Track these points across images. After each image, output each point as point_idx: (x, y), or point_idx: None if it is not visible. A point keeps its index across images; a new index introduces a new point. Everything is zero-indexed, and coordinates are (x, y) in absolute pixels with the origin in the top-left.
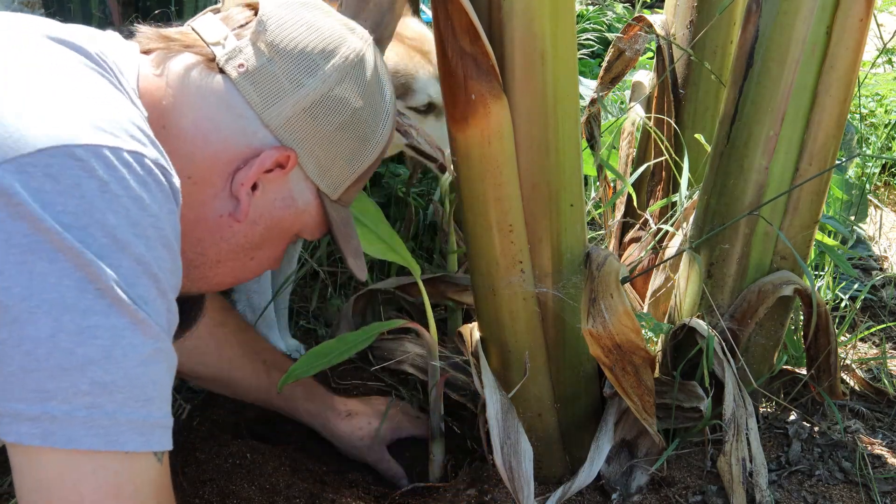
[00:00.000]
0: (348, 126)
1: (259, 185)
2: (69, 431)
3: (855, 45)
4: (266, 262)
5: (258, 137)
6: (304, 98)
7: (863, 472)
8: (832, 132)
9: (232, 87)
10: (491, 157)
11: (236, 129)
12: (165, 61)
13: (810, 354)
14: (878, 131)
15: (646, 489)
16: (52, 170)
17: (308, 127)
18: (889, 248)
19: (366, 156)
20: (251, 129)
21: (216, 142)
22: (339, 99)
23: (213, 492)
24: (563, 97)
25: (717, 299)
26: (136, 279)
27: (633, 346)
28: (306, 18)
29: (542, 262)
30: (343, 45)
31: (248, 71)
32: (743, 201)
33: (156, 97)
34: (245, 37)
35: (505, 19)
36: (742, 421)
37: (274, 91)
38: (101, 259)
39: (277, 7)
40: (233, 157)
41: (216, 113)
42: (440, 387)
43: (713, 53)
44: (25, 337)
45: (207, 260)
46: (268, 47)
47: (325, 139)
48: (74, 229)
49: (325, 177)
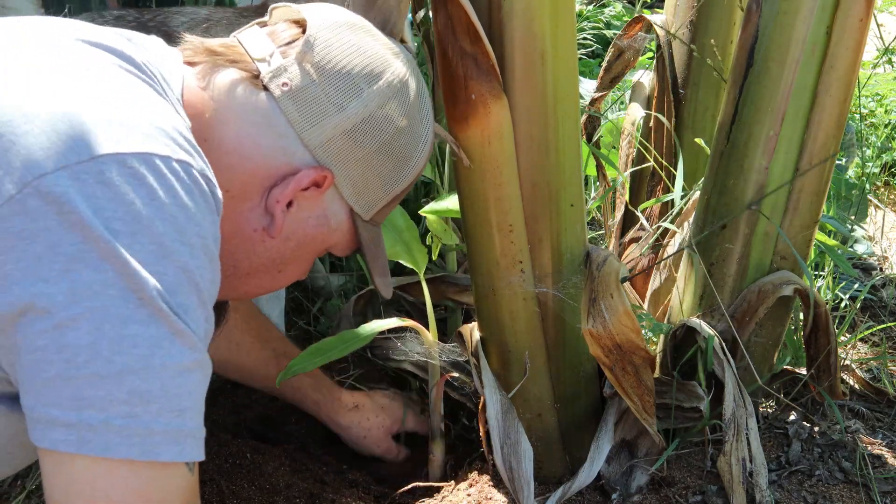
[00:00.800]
0: (387, 149)
1: (294, 203)
2: (105, 439)
3: (855, 45)
4: (294, 275)
5: (297, 156)
6: (345, 120)
7: (863, 472)
8: (832, 132)
9: (275, 105)
10: (491, 157)
11: (276, 147)
12: (210, 75)
13: (810, 354)
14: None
15: (646, 489)
16: (105, 177)
17: (347, 149)
18: (889, 248)
19: (401, 179)
20: (290, 148)
21: (255, 158)
22: (380, 123)
23: (213, 492)
24: (563, 97)
25: (717, 299)
26: (179, 287)
27: (633, 346)
28: (352, 41)
29: (542, 262)
30: (388, 70)
31: (291, 90)
32: (743, 201)
33: (199, 109)
34: (291, 55)
35: (505, 19)
36: (742, 421)
37: (316, 112)
38: (146, 267)
39: (325, 28)
40: (271, 174)
41: (257, 130)
42: (440, 386)
43: (713, 53)
44: (66, 344)
45: (239, 272)
46: (313, 68)
47: (363, 161)
48: (123, 235)
49: (360, 198)
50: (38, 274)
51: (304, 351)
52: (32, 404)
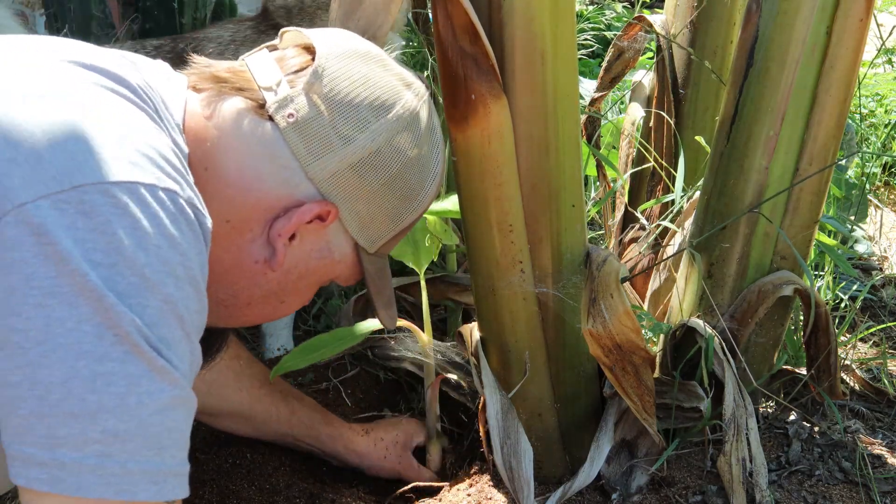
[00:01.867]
0: (394, 184)
1: (297, 235)
2: (78, 479)
3: (855, 45)
4: (296, 305)
5: (300, 189)
6: (351, 154)
7: (863, 472)
8: (832, 132)
9: (279, 137)
10: (491, 157)
11: (279, 179)
12: (215, 103)
13: (810, 354)
14: (878, 131)
15: (646, 489)
16: (86, 206)
17: (353, 183)
18: (889, 248)
19: (409, 213)
20: (294, 181)
21: (258, 189)
22: (388, 157)
23: (213, 492)
24: (563, 97)
25: (717, 299)
26: (161, 320)
27: (633, 346)
28: (363, 72)
29: (542, 262)
30: (398, 104)
31: (297, 122)
32: (743, 201)
33: (200, 137)
34: (298, 85)
35: (505, 19)
36: (742, 421)
37: (322, 145)
38: (125, 300)
39: (334, 57)
40: (273, 206)
41: (260, 161)
42: (435, 386)
43: (713, 53)
44: (39, 381)
45: (238, 302)
46: (320, 99)
47: (369, 196)
48: (102, 268)
49: (365, 232)
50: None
51: (296, 347)
52: (9, 441)
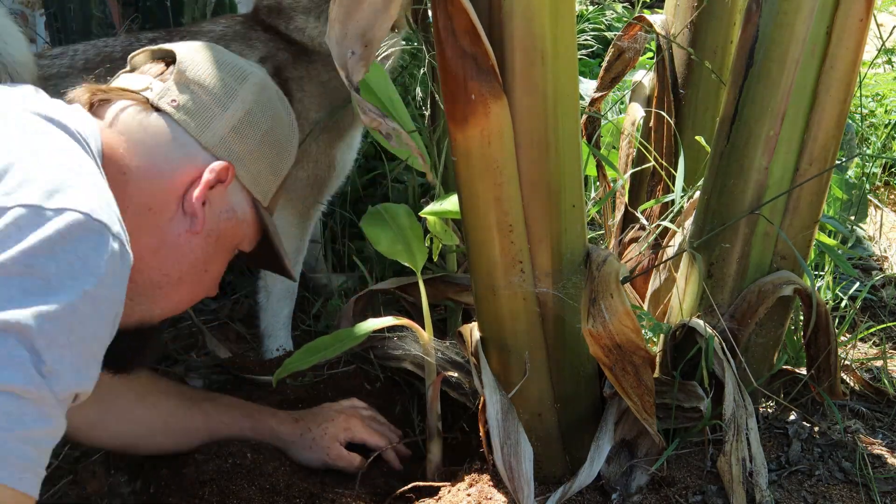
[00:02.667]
0: (268, 139)
1: (206, 201)
2: None
3: (855, 45)
4: (216, 273)
5: (199, 159)
6: (230, 118)
7: (863, 472)
8: (832, 132)
9: (170, 120)
10: (491, 157)
11: (181, 156)
12: (113, 113)
13: (810, 354)
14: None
15: (646, 489)
16: None
17: (237, 143)
18: (889, 248)
19: (284, 164)
20: (193, 153)
21: (167, 171)
22: (258, 116)
23: (213, 492)
24: (563, 97)
25: (717, 299)
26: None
27: (633, 346)
28: (215, 57)
29: (542, 262)
30: (248, 72)
31: (179, 105)
32: (743, 201)
33: (114, 147)
34: (169, 80)
35: (505, 19)
36: (742, 421)
37: (205, 117)
38: None
39: (190, 51)
40: (183, 181)
41: (163, 146)
42: (436, 386)
43: (713, 53)
44: None
45: (170, 279)
46: (191, 83)
47: (253, 152)
48: None
49: (257, 185)
50: None
51: (299, 350)
52: None
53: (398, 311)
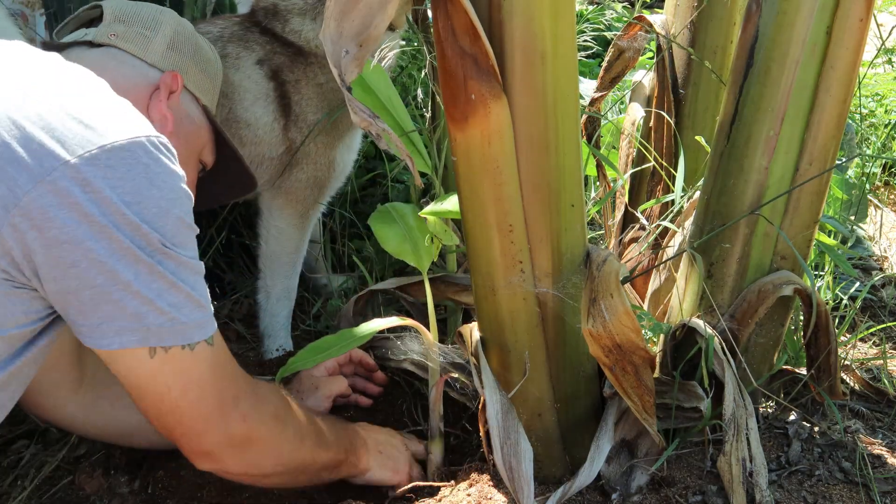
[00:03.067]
0: (198, 53)
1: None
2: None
3: (855, 45)
4: (191, 182)
5: (150, 75)
6: (163, 38)
7: (863, 472)
8: (832, 132)
9: (114, 50)
10: (491, 157)
11: (135, 75)
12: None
13: (810, 354)
14: (878, 131)
15: (646, 489)
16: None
17: (176, 56)
18: (889, 248)
19: (218, 77)
20: (143, 71)
21: (129, 90)
22: (184, 36)
23: (213, 493)
24: (563, 97)
25: (717, 299)
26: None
27: (633, 346)
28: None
29: (542, 262)
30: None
31: (118, 35)
32: (743, 201)
33: None
34: (105, 22)
35: (505, 19)
36: (742, 421)
37: (143, 40)
38: (150, 224)
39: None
40: (143, 95)
41: (115, 70)
42: (439, 386)
43: (713, 53)
44: (118, 279)
45: None
46: (121, 19)
47: (190, 63)
48: (132, 205)
49: (203, 91)
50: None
51: (303, 349)
52: (99, 322)
53: (398, 310)
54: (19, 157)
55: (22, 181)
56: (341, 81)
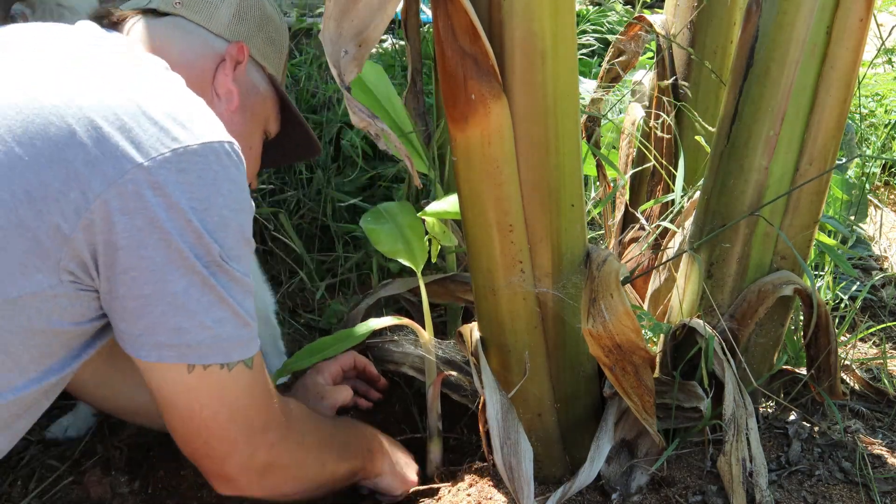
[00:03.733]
0: (265, 19)
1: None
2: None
3: (855, 45)
4: (257, 154)
5: (215, 45)
6: (229, 6)
7: (863, 472)
8: (832, 132)
9: (179, 19)
10: (491, 157)
11: (200, 45)
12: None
13: (810, 354)
14: (878, 131)
15: (646, 489)
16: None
17: (241, 26)
18: (889, 248)
19: (284, 43)
20: (209, 41)
21: (194, 61)
22: (249, 3)
23: (213, 493)
24: (563, 97)
25: (717, 299)
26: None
27: (633, 346)
28: None
29: (542, 262)
30: None
31: (183, 4)
32: (743, 201)
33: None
34: None
35: (505, 19)
36: (742, 421)
37: (208, 8)
38: (211, 234)
39: None
40: (209, 67)
41: (180, 41)
42: (437, 385)
43: (713, 53)
44: (167, 291)
45: None
46: None
47: (256, 31)
48: (198, 212)
49: (269, 60)
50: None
51: (300, 350)
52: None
53: (398, 310)
54: (94, 159)
55: (95, 184)
56: (340, 81)
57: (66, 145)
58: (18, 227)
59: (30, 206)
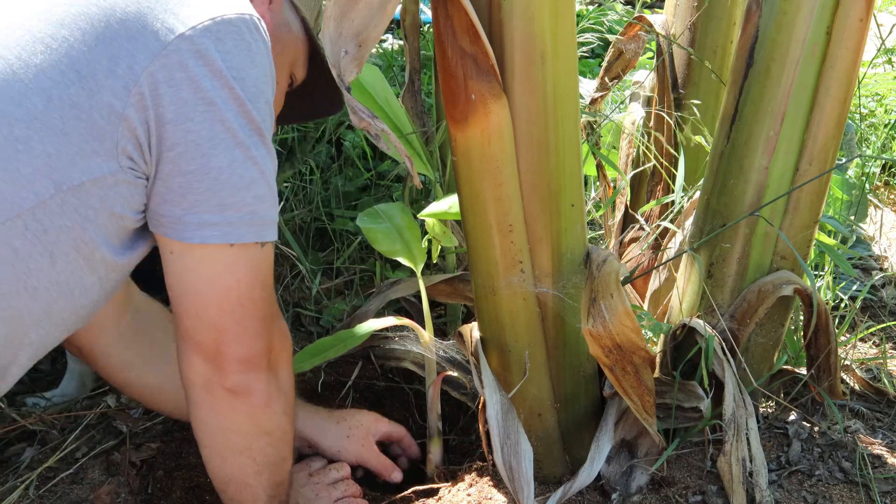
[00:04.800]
0: None
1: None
2: (239, 231)
3: (855, 45)
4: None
5: None
6: None
7: (863, 472)
8: (832, 132)
9: None
10: (491, 157)
11: None
12: None
13: (810, 354)
14: (878, 131)
15: (646, 489)
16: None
17: None
18: (889, 248)
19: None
20: None
21: None
22: None
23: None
24: (563, 97)
25: (717, 299)
26: (266, 115)
27: (633, 346)
28: None
29: (542, 262)
30: None
31: None
32: (743, 201)
33: None
34: None
35: (505, 19)
36: (742, 421)
37: None
38: (251, 103)
39: None
40: None
41: None
42: (437, 385)
43: (713, 53)
44: (211, 167)
45: None
46: None
47: None
48: (238, 80)
49: (304, 4)
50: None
51: (300, 351)
52: (183, 213)
53: (398, 310)
54: (137, 33)
55: (140, 57)
56: (340, 81)
57: (108, 23)
58: (73, 108)
59: (80, 84)
